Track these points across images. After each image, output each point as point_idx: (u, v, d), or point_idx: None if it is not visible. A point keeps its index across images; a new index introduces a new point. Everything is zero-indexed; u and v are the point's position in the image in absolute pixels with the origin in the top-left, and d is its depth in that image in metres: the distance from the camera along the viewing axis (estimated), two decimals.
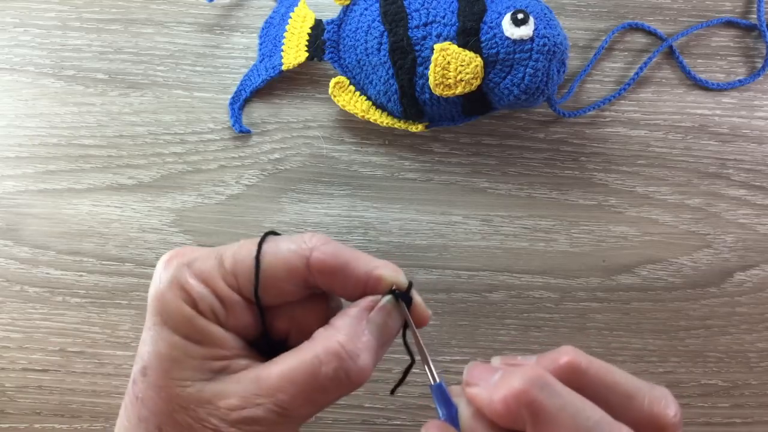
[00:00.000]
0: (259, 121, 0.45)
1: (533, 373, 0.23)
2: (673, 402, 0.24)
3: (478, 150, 0.44)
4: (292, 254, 0.27)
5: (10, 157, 0.44)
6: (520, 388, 0.23)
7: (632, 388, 0.24)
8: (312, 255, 0.26)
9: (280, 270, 0.26)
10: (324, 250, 0.27)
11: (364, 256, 0.27)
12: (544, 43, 0.38)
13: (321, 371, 0.25)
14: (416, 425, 0.42)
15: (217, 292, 0.26)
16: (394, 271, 0.27)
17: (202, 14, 0.46)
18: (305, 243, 0.27)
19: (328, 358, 0.25)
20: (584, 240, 0.44)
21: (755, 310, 0.43)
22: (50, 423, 0.42)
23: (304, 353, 0.26)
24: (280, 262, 0.26)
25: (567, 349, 0.25)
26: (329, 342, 0.26)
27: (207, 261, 0.27)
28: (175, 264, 0.27)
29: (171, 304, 0.26)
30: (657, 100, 0.45)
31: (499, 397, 0.23)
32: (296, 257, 0.26)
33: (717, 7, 0.46)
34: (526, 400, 0.23)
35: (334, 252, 0.27)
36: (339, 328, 0.26)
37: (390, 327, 0.27)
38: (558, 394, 0.23)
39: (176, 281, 0.26)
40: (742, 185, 0.44)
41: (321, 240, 0.27)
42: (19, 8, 0.46)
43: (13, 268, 0.43)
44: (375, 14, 0.41)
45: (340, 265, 0.27)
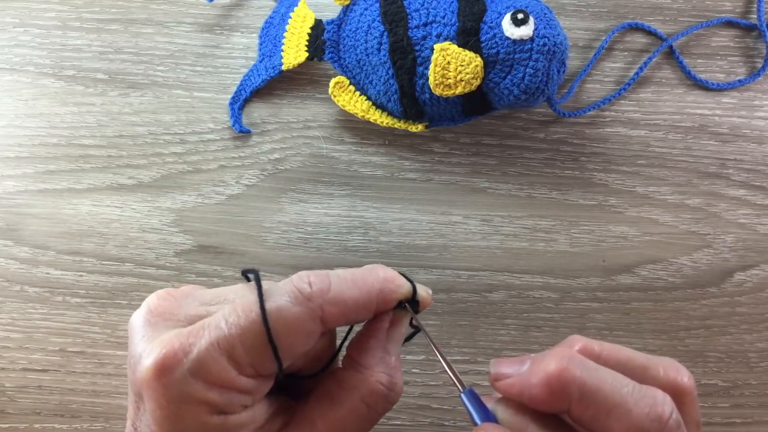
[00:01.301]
0: (259, 121, 0.45)
1: (566, 352, 0.24)
2: (684, 369, 0.25)
3: (478, 150, 0.44)
4: (303, 320, 0.24)
5: (10, 157, 0.44)
6: (559, 367, 0.23)
7: (645, 360, 0.26)
8: (324, 313, 0.24)
9: (297, 340, 0.24)
10: (332, 300, 0.25)
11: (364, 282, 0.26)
12: (544, 43, 0.38)
13: (371, 413, 0.26)
14: (416, 425, 0.42)
15: (239, 388, 0.24)
16: (397, 285, 0.27)
17: (202, 14, 0.46)
18: (311, 300, 0.24)
19: (375, 401, 0.26)
20: (584, 240, 0.44)
21: (755, 310, 0.43)
22: (50, 423, 0.42)
23: (347, 404, 0.25)
24: (295, 334, 0.24)
25: (575, 337, 0.26)
26: (370, 385, 0.26)
27: (215, 361, 0.23)
28: (179, 377, 0.23)
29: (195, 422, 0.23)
30: (657, 100, 0.45)
31: (539, 380, 0.23)
32: (309, 321, 0.24)
33: (717, 7, 0.46)
34: (568, 378, 0.23)
35: (341, 298, 0.25)
36: (370, 367, 0.26)
37: (403, 333, 0.28)
38: (594, 368, 0.24)
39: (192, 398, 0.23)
40: (742, 185, 0.44)
41: (322, 287, 0.25)
42: (19, 8, 0.46)
43: (13, 268, 0.43)
44: (375, 14, 0.41)
45: (351, 308, 0.25)
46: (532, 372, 0.24)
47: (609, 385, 0.23)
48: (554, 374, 0.23)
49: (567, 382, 0.23)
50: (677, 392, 0.25)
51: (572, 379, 0.23)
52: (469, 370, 0.43)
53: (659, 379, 0.25)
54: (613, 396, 0.23)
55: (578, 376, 0.23)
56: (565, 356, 0.24)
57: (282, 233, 0.44)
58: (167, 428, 0.23)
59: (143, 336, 0.24)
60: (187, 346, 0.23)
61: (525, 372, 0.24)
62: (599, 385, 0.23)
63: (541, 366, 0.24)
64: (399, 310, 0.28)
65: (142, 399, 0.24)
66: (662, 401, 0.23)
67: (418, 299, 0.28)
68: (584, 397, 0.23)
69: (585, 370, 0.23)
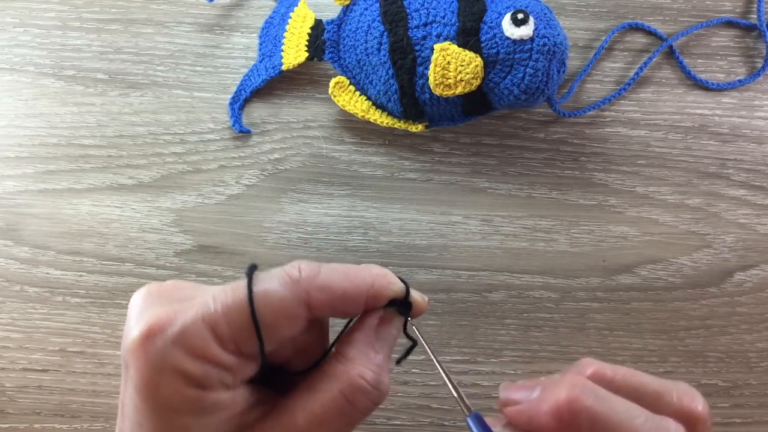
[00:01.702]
0: (259, 121, 0.45)
1: (577, 380, 0.23)
2: (699, 395, 0.25)
3: (478, 150, 0.44)
4: (288, 301, 0.24)
5: (10, 157, 0.44)
6: (570, 396, 0.23)
7: (659, 386, 0.25)
8: (310, 296, 0.25)
9: (281, 321, 0.25)
10: (320, 286, 0.25)
11: (357, 276, 0.26)
12: (544, 43, 0.38)
13: (350, 409, 0.25)
14: (416, 425, 0.42)
15: (219, 363, 0.24)
16: (389, 282, 0.27)
17: (202, 14, 0.46)
18: (298, 284, 0.25)
19: (354, 394, 0.25)
20: (584, 240, 0.44)
21: (755, 310, 0.43)
22: (50, 423, 0.42)
23: (326, 394, 0.25)
24: (278, 314, 0.24)
25: (588, 360, 0.25)
26: (351, 377, 0.25)
27: (197, 332, 0.23)
28: (161, 345, 0.23)
29: (171, 391, 0.23)
30: (657, 100, 0.45)
31: (549, 408, 0.23)
32: (294, 303, 0.24)
33: (717, 7, 0.46)
34: (578, 408, 0.22)
35: (329, 284, 0.25)
36: (353, 359, 0.26)
37: (394, 335, 0.28)
38: (606, 397, 0.23)
39: (171, 367, 0.23)
40: (742, 185, 0.44)
41: (310, 273, 0.25)
42: (19, 8, 0.46)
43: (13, 268, 0.43)
44: (375, 14, 0.41)
45: (338, 297, 0.25)
46: (541, 400, 0.23)
47: (621, 415, 0.23)
48: (564, 404, 0.23)
49: (577, 412, 0.22)
50: (691, 420, 0.24)
51: (583, 409, 0.22)
52: (469, 370, 0.43)
53: (673, 405, 0.24)
54: (625, 427, 0.22)
55: (589, 405, 0.22)
56: (577, 385, 0.23)
57: (282, 233, 0.44)
58: (145, 396, 0.23)
59: (137, 311, 0.25)
60: (173, 316, 0.24)
61: (534, 399, 0.24)
62: (611, 416, 0.22)
63: (552, 394, 0.23)
64: (390, 310, 0.27)
65: (128, 370, 0.24)
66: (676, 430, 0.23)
67: (411, 301, 0.27)
68: (595, 427, 0.22)
69: (596, 400, 0.23)
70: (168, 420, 0.23)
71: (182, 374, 0.23)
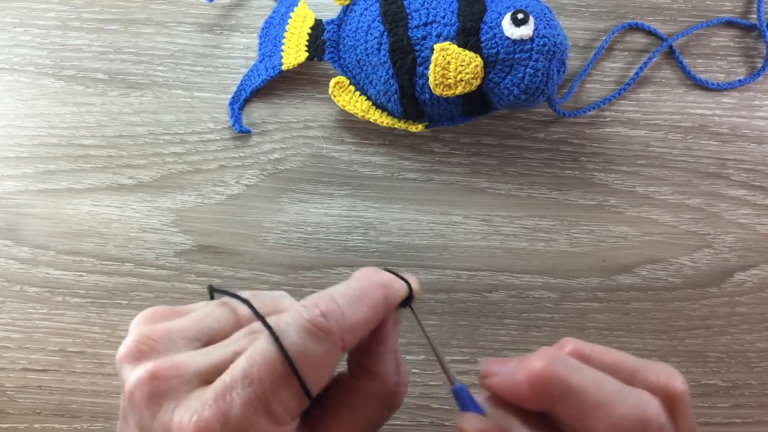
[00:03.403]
0: (259, 121, 0.45)
1: (551, 351, 0.24)
2: (677, 372, 0.25)
3: (478, 150, 0.44)
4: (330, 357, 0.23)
5: (10, 157, 0.44)
6: (543, 365, 0.23)
7: (636, 363, 0.25)
8: (345, 343, 0.24)
9: (325, 375, 0.24)
10: (349, 328, 0.24)
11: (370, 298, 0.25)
12: (544, 43, 0.38)
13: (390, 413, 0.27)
14: (416, 425, 0.42)
15: None
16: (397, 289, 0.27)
17: (202, 14, 0.46)
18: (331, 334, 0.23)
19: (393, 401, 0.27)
20: (584, 240, 0.44)
21: (755, 310, 0.43)
22: (50, 423, 0.42)
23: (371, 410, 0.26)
24: (323, 372, 0.24)
25: (567, 339, 0.26)
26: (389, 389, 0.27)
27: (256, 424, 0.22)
28: None
29: None
30: (657, 100, 0.45)
31: (524, 377, 0.24)
32: (334, 356, 0.24)
33: (717, 7, 0.46)
34: (551, 376, 0.23)
35: (356, 324, 0.24)
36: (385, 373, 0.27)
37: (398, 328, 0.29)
38: (579, 367, 0.24)
39: None
40: (742, 185, 0.44)
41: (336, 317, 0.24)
42: (19, 8, 0.46)
43: (13, 268, 0.43)
44: (375, 14, 0.41)
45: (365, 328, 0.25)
46: (517, 369, 0.24)
47: (592, 384, 0.23)
48: (537, 372, 0.23)
49: (549, 379, 0.23)
50: (669, 397, 0.24)
51: (554, 376, 0.23)
52: (469, 369, 0.43)
53: (649, 382, 0.24)
54: (596, 395, 0.23)
55: (560, 374, 0.23)
56: (550, 355, 0.24)
57: (282, 233, 0.44)
58: None
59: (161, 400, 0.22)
60: (220, 413, 0.22)
61: (511, 369, 0.25)
62: (582, 384, 0.23)
63: (527, 364, 0.24)
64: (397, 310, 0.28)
65: None
66: (647, 402, 0.23)
67: (414, 295, 0.28)
68: (566, 396, 0.23)
69: (568, 369, 0.23)
70: None
71: None
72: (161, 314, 0.26)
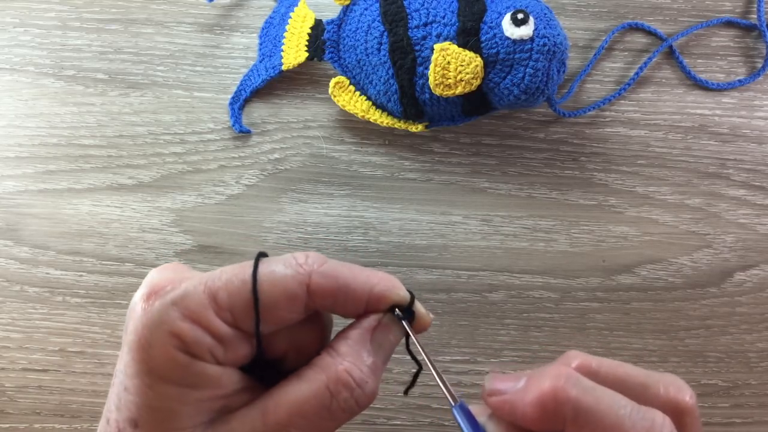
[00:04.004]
0: (259, 121, 0.45)
1: (562, 371, 0.23)
2: (686, 385, 0.24)
3: (478, 150, 0.44)
4: (290, 280, 0.24)
5: (10, 157, 0.44)
6: (554, 385, 0.22)
7: (645, 377, 0.25)
8: (311, 280, 0.25)
9: (280, 299, 0.24)
10: (323, 272, 0.25)
11: (363, 274, 0.26)
12: (544, 43, 0.38)
13: (332, 402, 0.25)
14: (416, 425, 0.42)
15: (213, 331, 0.24)
16: (394, 286, 0.26)
17: (202, 14, 0.46)
18: (302, 267, 0.25)
19: (338, 389, 0.25)
20: (584, 240, 0.44)
21: (755, 310, 0.43)
22: (50, 423, 0.42)
23: (311, 384, 0.25)
24: (278, 291, 0.24)
25: (573, 353, 0.25)
26: (338, 371, 0.25)
27: (196, 297, 0.24)
28: (159, 304, 0.23)
29: (161, 353, 0.23)
30: (657, 100, 0.45)
31: (533, 399, 0.23)
32: (295, 284, 0.25)
33: (717, 7, 0.46)
34: (562, 398, 0.22)
35: (333, 274, 0.25)
36: (344, 355, 0.25)
37: (392, 343, 0.27)
38: (591, 388, 0.23)
39: (164, 326, 0.23)
40: (742, 185, 0.44)
41: (317, 261, 0.25)
42: (19, 8, 0.46)
43: (13, 268, 0.43)
44: (375, 14, 0.41)
45: (341, 287, 0.25)
46: (525, 390, 0.23)
47: (606, 405, 0.22)
48: (548, 393, 0.22)
49: (561, 401, 0.22)
50: (678, 411, 0.24)
51: (567, 398, 0.22)
52: (469, 370, 0.43)
53: (660, 397, 0.24)
54: (610, 417, 0.22)
55: (573, 395, 0.22)
56: (561, 375, 0.23)
57: (282, 233, 0.44)
58: (136, 356, 0.23)
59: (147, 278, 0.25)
60: (177, 281, 0.24)
61: (519, 390, 0.24)
62: (595, 406, 0.22)
63: (536, 385, 0.23)
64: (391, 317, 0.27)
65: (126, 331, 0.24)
66: (661, 424, 0.22)
67: (414, 310, 0.27)
68: (579, 418, 0.22)
69: (581, 390, 0.23)
70: (153, 385, 0.24)
71: (175, 336, 0.23)
72: (177, 267, 0.27)
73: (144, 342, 0.23)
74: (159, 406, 0.24)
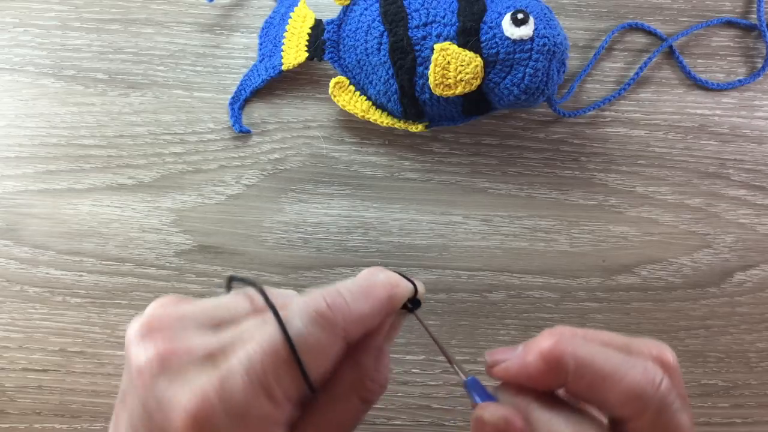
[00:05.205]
0: (259, 121, 0.45)
1: (556, 330, 0.25)
2: (667, 347, 0.26)
3: (478, 150, 0.44)
4: (331, 345, 0.24)
5: (10, 157, 0.44)
6: (553, 341, 0.24)
7: (626, 339, 0.26)
8: (348, 334, 0.25)
9: (325, 363, 0.24)
10: (353, 320, 0.25)
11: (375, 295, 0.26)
12: (544, 43, 0.38)
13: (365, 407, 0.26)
14: (416, 425, 0.42)
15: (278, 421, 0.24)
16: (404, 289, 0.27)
17: (202, 14, 0.46)
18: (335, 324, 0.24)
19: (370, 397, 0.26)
20: (584, 240, 0.44)
21: (755, 310, 0.43)
22: (50, 423, 0.42)
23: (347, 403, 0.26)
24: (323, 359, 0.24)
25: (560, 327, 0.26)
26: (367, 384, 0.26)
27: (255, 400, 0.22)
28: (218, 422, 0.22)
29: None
30: (657, 100, 0.45)
31: (535, 356, 0.24)
32: (336, 346, 0.24)
33: (717, 7, 0.46)
34: (563, 350, 0.24)
35: (360, 317, 0.25)
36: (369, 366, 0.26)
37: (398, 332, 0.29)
38: (586, 341, 0.25)
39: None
40: (742, 185, 0.44)
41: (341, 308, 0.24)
42: (19, 8, 0.46)
43: (13, 268, 0.43)
44: (375, 14, 0.41)
45: (370, 324, 0.26)
46: (526, 351, 0.25)
47: (601, 356, 0.24)
48: (548, 348, 0.24)
49: (562, 353, 0.24)
50: (663, 367, 0.25)
51: (567, 351, 0.24)
52: (469, 370, 0.43)
53: (644, 354, 0.25)
54: (606, 366, 0.24)
55: (571, 347, 0.24)
56: (556, 333, 0.25)
57: (282, 233, 0.44)
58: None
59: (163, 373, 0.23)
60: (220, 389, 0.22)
61: (520, 354, 0.25)
62: (591, 357, 0.24)
63: (535, 345, 0.25)
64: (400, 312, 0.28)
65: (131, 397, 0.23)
66: (653, 369, 0.24)
67: (419, 298, 0.28)
68: (579, 367, 0.24)
69: (578, 343, 0.24)
70: None
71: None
72: (176, 301, 0.26)
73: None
74: None
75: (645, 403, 0.23)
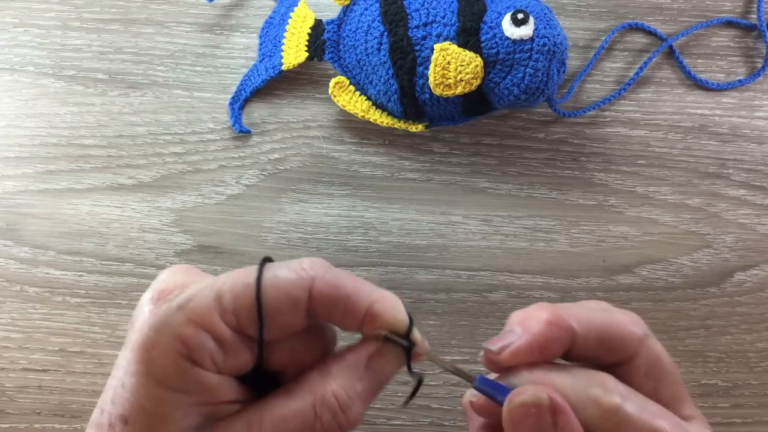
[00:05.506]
0: (259, 121, 0.45)
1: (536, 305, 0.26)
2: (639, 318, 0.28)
3: (478, 150, 0.44)
4: (293, 285, 0.24)
5: (10, 157, 0.44)
6: (550, 310, 0.25)
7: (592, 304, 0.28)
8: (314, 285, 0.25)
9: (283, 303, 0.24)
10: (326, 279, 0.25)
11: (366, 288, 0.25)
12: (544, 43, 0.38)
13: (315, 423, 0.25)
14: (416, 425, 0.42)
15: (216, 335, 0.24)
16: (394, 307, 0.26)
17: (202, 14, 0.46)
18: (306, 272, 0.25)
19: (322, 410, 0.25)
20: (584, 240, 0.44)
21: (755, 310, 0.43)
22: (50, 423, 0.42)
23: (297, 401, 0.25)
24: (282, 295, 0.24)
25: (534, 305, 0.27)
26: (324, 392, 0.25)
27: (202, 300, 0.24)
28: (166, 308, 0.24)
29: (163, 357, 0.23)
30: (657, 100, 0.45)
31: (540, 326, 0.25)
32: (298, 288, 0.24)
33: (717, 7, 0.46)
34: (563, 315, 0.25)
35: (336, 282, 0.25)
36: (335, 377, 0.25)
37: (388, 371, 0.27)
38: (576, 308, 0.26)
39: (169, 330, 0.23)
40: (742, 185, 0.44)
41: (322, 268, 0.25)
42: (19, 8, 0.46)
43: (13, 268, 0.43)
44: (375, 14, 0.41)
45: (341, 297, 0.25)
46: (526, 329, 0.25)
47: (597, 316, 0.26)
48: (551, 315, 0.25)
49: (563, 317, 0.25)
50: None
51: (566, 314, 0.25)
52: (469, 370, 0.42)
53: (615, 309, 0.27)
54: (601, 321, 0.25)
55: (568, 312, 0.25)
56: (541, 306, 0.25)
57: (282, 233, 0.44)
58: (138, 355, 0.24)
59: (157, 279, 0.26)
60: (185, 285, 0.25)
61: (522, 334, 0.25)
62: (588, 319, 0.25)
63: (533, 319, 0.25)
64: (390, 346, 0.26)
65: (131, 330, 0.25)
66: (635, 316, 0.27)
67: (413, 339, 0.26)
68: (584, 325, 0.25)
69: (575, 308, 0.25)
70: (150, 387, 0.24)
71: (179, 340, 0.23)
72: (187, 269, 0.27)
73: (147, 343, 0.23)
74: (151, 408, 0.24)
75: (641, 340, 0.26)
